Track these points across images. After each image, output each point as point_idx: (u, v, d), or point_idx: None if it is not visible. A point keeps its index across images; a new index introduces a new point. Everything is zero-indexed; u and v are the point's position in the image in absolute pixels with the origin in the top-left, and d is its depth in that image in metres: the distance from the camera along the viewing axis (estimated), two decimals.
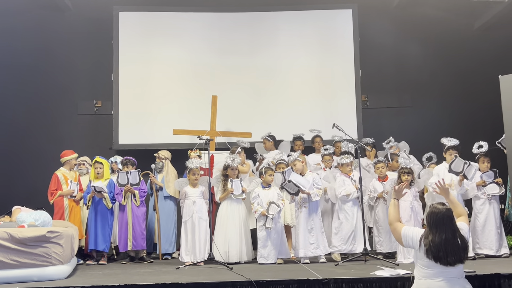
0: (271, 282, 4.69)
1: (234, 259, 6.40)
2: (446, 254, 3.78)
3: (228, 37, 9.65)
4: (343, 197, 6.63)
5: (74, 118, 9.69)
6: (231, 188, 6.59)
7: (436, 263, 3.83)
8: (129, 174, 6.79)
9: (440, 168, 6.79)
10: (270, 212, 6.28)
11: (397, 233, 4.08)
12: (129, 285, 4.64)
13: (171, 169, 7.70)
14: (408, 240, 4.00)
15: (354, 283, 4.71)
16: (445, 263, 3.80)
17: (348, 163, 6.79)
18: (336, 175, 6.94)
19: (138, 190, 6.91)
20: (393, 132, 8.73)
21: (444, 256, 3.78)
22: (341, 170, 6.88)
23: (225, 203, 6.70)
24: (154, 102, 9.40)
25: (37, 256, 5.13)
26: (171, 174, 7.63)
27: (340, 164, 6.88)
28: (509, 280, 4.72)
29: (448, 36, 9.95)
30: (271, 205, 6.29)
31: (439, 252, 3.77)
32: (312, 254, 6.35)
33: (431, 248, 3.80)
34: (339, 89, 9.61)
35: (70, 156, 7.37)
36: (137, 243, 6.87)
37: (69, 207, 7.08)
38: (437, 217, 3.86)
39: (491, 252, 6.60)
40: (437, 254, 3.78)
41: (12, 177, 9.19)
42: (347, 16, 9.76)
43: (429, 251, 3.81)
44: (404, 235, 4.02)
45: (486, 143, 6.83)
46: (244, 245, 6.53)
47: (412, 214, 6.24)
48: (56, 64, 9.68)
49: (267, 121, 9.17)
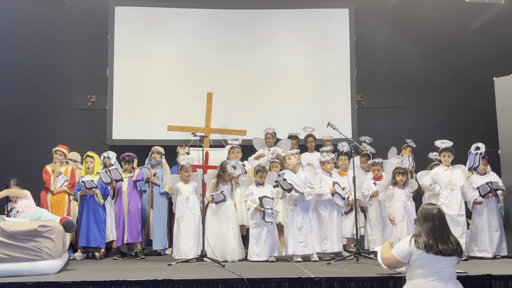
0: (263, 280, 4.68)
1: (224, 257, 6.37)
2: (436, 242, 3.91)
3: (224, 34, 9.63)
4: (317, 195, 6.60)
5: (68, 112, 9.65)
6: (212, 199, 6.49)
7: (428, 254, 3.92)
8: (109, 172, 6.71)
9: (437, 170, 6.81)
10: (266, 206, 6.27)
11: (392, 259, 4.16)
12: (120, 281, 4.62)
13: (166, 165, 7.68)
14: (401, 252, 4.10)
15: (346, 281, 4.70)
16: (437, 252, 3.89)
17: (329, 161, 6.75)
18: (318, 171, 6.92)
19: (100, 189, 6.78)
20: (387, 132, 8.77)
21: (434, 244, 3.92)
22: (322, 168, 6.84)
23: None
24: (148, 97, 9.38)
25: (28, 250, 5.10)
26: (168, 170, 7.62)
27: (321, 162, 6.83)
28: (500, 281, 4.72)
29: (444, 37, 9.98)
30: (264, 199, 6.28)
31: (429, 240, 3.92)
32: (300, 252, 6.32)
33: (422, 238, 3.95)
34: (334, 89, 9.62)
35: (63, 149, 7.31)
36: (132, 236, 6.88)
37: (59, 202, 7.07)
38: (427, 211, 4.07)
39: (489, 255, 6.56)
40: (427, 242, 3.91)
41: (5, 171, 9.12)
42: (344, 16, 9.77)
43: (420, 242, 3.94)
44: (396, 253, 4.12)
45: (484, 144, 6.84)
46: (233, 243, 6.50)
47: (405, 214, 6.26)
48: (51, 58, 9.63)
49: (262, 119, 9.15)
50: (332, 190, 6.41)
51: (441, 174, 6.68)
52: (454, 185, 6.56)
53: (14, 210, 6.41)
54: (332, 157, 6.81)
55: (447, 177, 6.62)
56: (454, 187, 6.56)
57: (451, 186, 6.57)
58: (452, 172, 6.65)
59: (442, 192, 6.62)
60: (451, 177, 6.61)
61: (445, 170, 6.69)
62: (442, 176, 6.65)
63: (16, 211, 6.38)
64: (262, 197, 6.32)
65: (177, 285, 4.60)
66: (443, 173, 6.67)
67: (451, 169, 6.69)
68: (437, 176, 6.67)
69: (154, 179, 7.38)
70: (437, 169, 6.81)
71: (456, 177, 6.62)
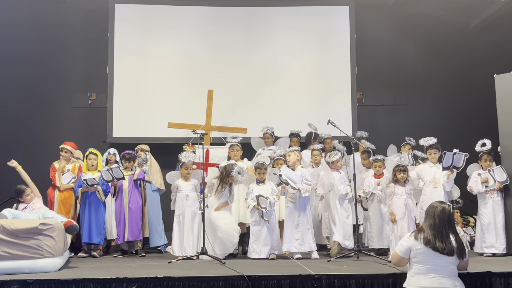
0: (264, 277, 4.68)
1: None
2: (434, 238, 3.94)
3: (224, 32, 9.61)
4: (343, 195, 6.58)
5: (68, 110, 9.64)
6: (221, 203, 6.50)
7: (427, 248, 4.00)
8: (111, 170, 6.71)
9: (423, 167, 6.82)
10: (262, 206, 6.28)
11: (396, 257, 4.28)
12: (121, 278, 4.62)
13: (154, 161, 7.69)
14: (402, 248, 4.20)
15: (346, 279, 4.71)
16: (435, 248, 3.93)
17: (338, 160, 6.73)
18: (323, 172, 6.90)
19: (101, 186, 6.78)
20: (387, 130, 8.75)
21: (433, 241, 4.01)
22: (331, 167, 6.79)
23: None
24: (149, 95, 9.37)
25: (29, 248, 5.10)
26: (155, 166, 7.63)
27: (330, 162, 6.72)
28: (501, 278, 4.73)
29: (444, 35, 9.96)
30: (259, 198, 6.30)
31: (428, 235, 4.05)
32: (296, 250, 6.32)
33: (423, 233, 4.07)
34: (335, 86, 9.61)
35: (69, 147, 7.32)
36: (133, 233, 6.90)
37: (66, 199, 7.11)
38: (430, 208, 4.19)
39: (497, 251, 6.50)
40: (427, 237, 4.04)
41: (5, 168, 9.13)
42: (344, 13, 9.75)
43: (420, 236, 4.07)
44: (398, 250, 4.21)
45: (490, 141, 6.81)
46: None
47: (406, 212, 6.25)
48: (51, 56, 9.62)
49: (262, 116, 9.16)
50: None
51: (426, 170, 6.73)
52: (437, 182, 6.59)
53: (29, 208, 6.41)
54: (339, 156, 6.79)
55: (431, 174, 6.66)
56: (437, 184, 6.59)
57: (434, 184, 6.60)
58: (437, 169, 6.67)
59: (425, 188, 6.66)
60: (436, 175, 6.64)
61: (431, 167, 6.74)
62: (427, 172, 6.70)
63: (31, 209, 6.39)
64: (258, 196, 6.34)
65: (178, 283, 4.60)
66: (428, 169, 6.73)
67: (436, 166, 6.72)
68: (422, 172, 6.73)
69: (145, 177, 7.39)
70: (423, 165, 6.87)
71: (440, 175, 6.63)
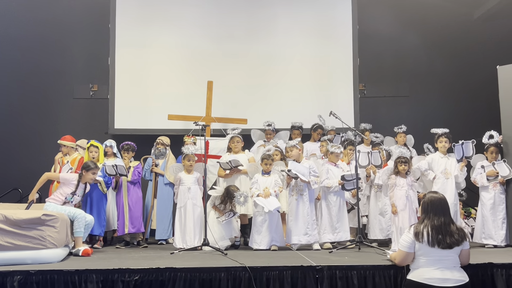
0: (265, 268, 4.69)
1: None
2: (444, 237, 3.98)
3: (225, 23, 9.57)
4: (324, 187, 6.61)
5: (69, 102, 9.65)
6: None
7: (434, 248, 3.98)
8: (116, 167, 6.70)
9: (434, 156, 6.80)
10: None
11: (401, 255, 4.27)
12: (123, 269, 4.63)
13: (172, 156, 7.66)
14: (405, 243, 4.19)
15: (348, 270, 4.71)
16: (444, 246, 3.95)
17: (339, 154, 6.74)
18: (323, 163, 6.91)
19: (103, 178, 6.75)
20: (389, 122, 8.72)
21: (443, 239, 4.00)
22: (328, 158, 6.82)
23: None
24: (150, 87, 9.35)
25: (32, 238, 5.10)
26: (172, 161, 7.58)
27: (330, 152, 6.78)
28: (502, 269, 4.73)
29: (447, 26, 9.92)
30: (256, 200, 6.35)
31: (438, 235, 4.00)
32: (304, 241, 6.34)
33: (432, 232, 4.02)
34: (337, 78, 9.58)
35: (66, 142, 7.30)
36: (134, 226, 6.88)
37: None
38: (435, 202, 4.15)
39: (495, 242, 6.45)
40: (436, 237, 4.00)
41: (7, 159, 9.16)
42: (347, 4, 9.70)
43: (428, 235, 4.01)
44: (402, 246, 4.21)
45: (497, 133, 6.79)
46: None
47: (407, 203, 6.24)
48: (52, 47, 9.61)
49: (263, 108, 9.16)
50: (340, 183, 6.43)
51: (437, 161, 6.70)
52: (449, 173, 6.58)
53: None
54: (342, 150, 6.78)
55: (442, 165, 6.63)
56: (449, 175, 6.57)
57: (446, 175, 6.58)
58: (448, 160, 6.66)
59: (437, 180, 6.63)
60: (447, 166, 6.62)
61: (442, 158, 6.71)
62: (438, 163, 6.66)
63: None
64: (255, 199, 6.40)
65: (180, 273, 4.61)
66: (439, 160, 6.70)
67: (447, 157, 6.71)
68: (433, 162, 6.69)
69: (157, 170, 7.37)
70: (434, 155, 6.82)
71: (451, 166, 6.61)
